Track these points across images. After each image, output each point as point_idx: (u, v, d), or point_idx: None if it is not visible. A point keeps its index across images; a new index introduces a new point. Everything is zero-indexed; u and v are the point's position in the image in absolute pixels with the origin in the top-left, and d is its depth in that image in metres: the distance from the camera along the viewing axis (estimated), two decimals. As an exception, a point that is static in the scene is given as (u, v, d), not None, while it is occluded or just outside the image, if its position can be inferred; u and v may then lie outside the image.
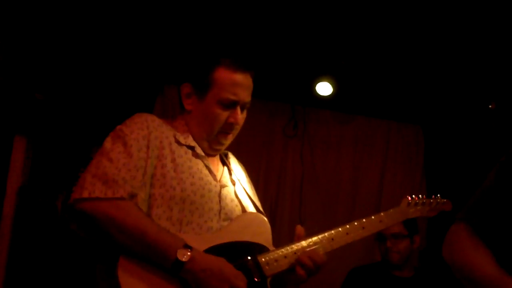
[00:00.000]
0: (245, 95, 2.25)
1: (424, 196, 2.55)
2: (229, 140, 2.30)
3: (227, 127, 2.24)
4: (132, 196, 2.00)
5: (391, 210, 2.45)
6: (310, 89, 5.02)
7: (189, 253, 1.93)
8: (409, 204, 2.50)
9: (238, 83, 2.22)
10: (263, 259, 2.12)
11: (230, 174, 2.35)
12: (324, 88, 5.00)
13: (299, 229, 2.27)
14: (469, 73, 4.58)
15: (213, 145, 2.27)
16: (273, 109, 5.32)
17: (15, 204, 4.37)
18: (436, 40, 4.26)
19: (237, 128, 2.28)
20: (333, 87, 4.98)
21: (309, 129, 5.35)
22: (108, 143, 2.09)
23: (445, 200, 2.60)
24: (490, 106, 4.85)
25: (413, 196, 2.53)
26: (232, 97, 2.21)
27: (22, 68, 4.14)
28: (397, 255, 3.80)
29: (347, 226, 2.32)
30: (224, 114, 2.21)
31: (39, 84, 4.41)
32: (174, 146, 2.17)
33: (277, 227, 5.01)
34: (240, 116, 2.25)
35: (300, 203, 5.21)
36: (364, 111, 5.41)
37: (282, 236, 4.52)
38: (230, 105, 2.21)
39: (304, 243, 2.22)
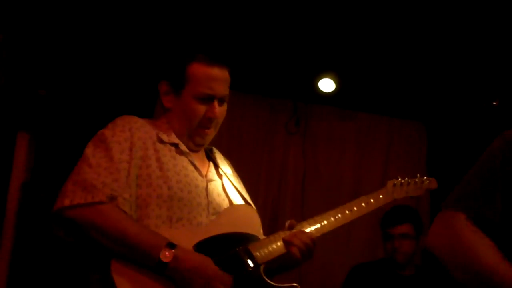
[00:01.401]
0: (221, 89, 2.26)
1: (409, 177, 2.64)
2: (210, 134, 2.31)
3: (206, 122, 2.25)
4: (113, 198, 2.00)
5: (377, 192, 2.52)
6: (312, 86, 5.02)
7: (172, 253, 1.94)
8: (394, 185, 2.58)
9: (213, 77, 2.24)
10: (254, 248, 2.15)
11: (216, 168, 2.37)
12: (326, 85, 5.00)
13: (291, 221, 2.31)
14: (473, 69, 4.58)
15: (195, 141, 2.29)
16: (275, 106, 5.31)
17: (18, 200, 4.38)
18: (439, 36, 4.25)
19: (218, 122, 2.30)
20: (335, 83, 4.98)
21: (311, 126, 5.34)
22: (89, 149, 2.10)
23: (430, 179, 2.65)
24: (494, 103, 4.84)
25: (399, 178, 2.61)
26: (208, 91, 2.22)
27: (25, 64, 4.15)
28: (403, 255, 3.80)
29: (335, 210, 2.37)
30: (201, 109, 2.23)
31: (42, 80, 4.42)
32: (158, 145, 2.19)
33: (279, 224, 4.99)
34: (218, 110, 2.26)
35: (302, 200, 5.21)
36: (367, 107, 5.41)
37: (285, 233, 4.51)
38: (207, 99, 2.23)
39: (295, 229, 2.27)
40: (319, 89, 5.01)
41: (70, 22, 4.20)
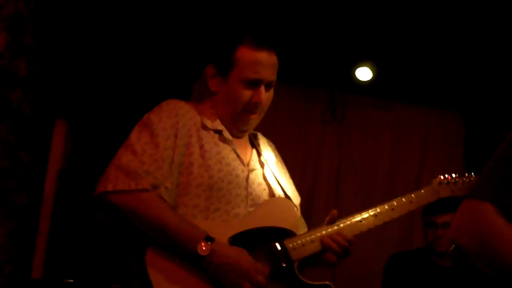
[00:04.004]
0: (269, 74, 2.21)
1: (457, 175, 2.47)
2: (255, 120, 2.27)
3: (252, 107, 2.21)
4: (156, 187, 1.99)
5: (422, 190, 2.40)
6: (349, 75, 4.97)
7: (209, 246, 1.93)
8: (440, 183, 2.43)
9: (261, 61, 2.18)
10: (290, 244, 2.12)
11: (259, 156, 2.33)
12: (363, 74, 4.94)
13: (333, 213, 2.25)
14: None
15: (239, 126, 2.25)
16: (311, 95, 5.28)
17: (55, 187, 4.43)
18: (480, 25, 4.17)
19: (263, 108, 2.25)
20: (373, 72, 4.92)
21: (348, 116, 5.30)
22: (134, 133, 2.09)
23: None
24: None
25: (446, 175, 2.46)
26: (255, 76, 2.17)
27: (63, 52, 4.18)
28: (445, 245, 3.74)
29: (377, 208, 2.30)
30: (247, 94, 2.19)
31: (79, 68, 4.46)
32: (202, 132, 2.16)
33: (313, 215, 4.99)
34: (265, 95, 2.21)
35: (336, 190, 5.18)
36: (404, 97, 5.34)
37: (318, 224, 4.52)
38: (254, 83, 2.18)
39: (331, 226, 2.21)
40: (356, 78, 4.96)
41: (108, 9, 4.22)
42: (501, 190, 1.63)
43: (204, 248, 1.93)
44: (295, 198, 2.36)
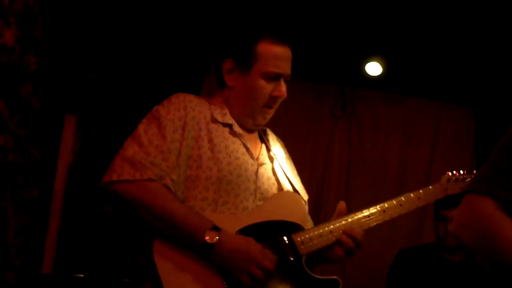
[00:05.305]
0: (287, 68, 2.24)
1: (465, 172, 2.46)
2: (271, 114, 2.28)
3: (272, 101, 2.23)
4: (161, 177, 1.99)
5: (430, 186, 2.38)
6: (359, 69, 4.95)
7: (217, 236, 1.93)
8: (449, 180, 2.42)
9: (280, 56, 2.21)
10: (298, 238, 2.11)
11: (268, 151, 2.33)
12: (373, 68, 4.93)
13: (341, 205, 2.25)
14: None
15: (256, 121, 2.26)
16: (321, 90, 5.28)
17: (65, 182, 4.44)
18: (489, 19, 4.15)
19: (279, 102, 2.27)
20: (382, 67, 4.91)
21: (357, 110, 5.29)
22: (142, 125, 2.09)
23: None
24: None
25: (454, 171, 2.45)
26: (277, 70, 2.19)
27: (73, 47, 4.19)
28: (454, 239, 3.71)
29: (385, 204, 2.28)
30: (269, 88, 2.20)
31: (89, 63, 4.46)
32: (211, 125, 2.16)
33: (323, 209, 5.00)
34: (285, 89, 2.24)
35: (346, 185, 5.17)
36: (414, 92, 5.32)
37: (329, 217, 4.52)
38: (275, 78, 2.20)
39: (340, 221, 2.19)
40: (365, 72, 4.95)
41: (119, 4, 4.22)
42: (502, 184, 1.63)
43: (211, 237, 1.92)
44: (304, 194, 2.35)
